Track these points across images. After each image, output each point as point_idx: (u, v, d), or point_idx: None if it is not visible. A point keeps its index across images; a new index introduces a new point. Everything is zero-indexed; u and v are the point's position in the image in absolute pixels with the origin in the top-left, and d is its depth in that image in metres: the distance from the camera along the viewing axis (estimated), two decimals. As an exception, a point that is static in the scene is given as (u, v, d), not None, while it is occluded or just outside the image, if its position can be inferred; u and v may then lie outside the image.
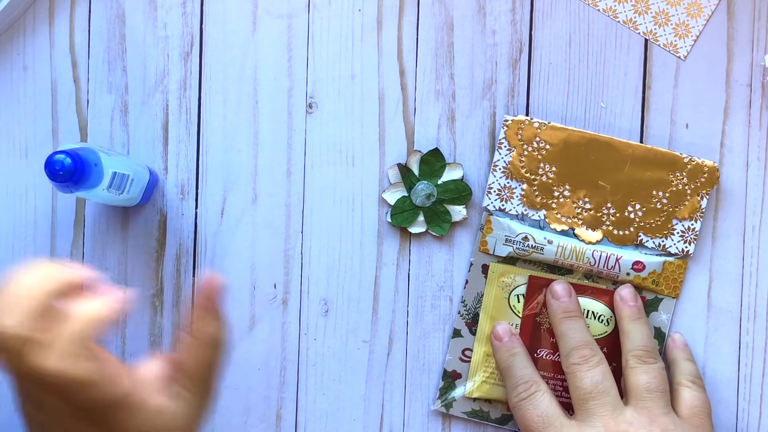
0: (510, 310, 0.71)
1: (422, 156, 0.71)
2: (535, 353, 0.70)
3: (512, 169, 0.71)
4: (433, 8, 0.72)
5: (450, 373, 0.72)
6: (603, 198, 0.71)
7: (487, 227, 0.71)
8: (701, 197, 0.70)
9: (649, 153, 0.71)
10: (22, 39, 0.73)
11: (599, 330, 0.70)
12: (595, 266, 0.70)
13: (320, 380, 0.73)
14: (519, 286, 0.71)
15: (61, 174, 0.60)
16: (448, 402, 0.72)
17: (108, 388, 0.56)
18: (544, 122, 0.71)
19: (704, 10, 0.72)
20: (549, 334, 0.71)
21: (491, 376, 0.71)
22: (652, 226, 0.71)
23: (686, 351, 0.70)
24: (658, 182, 0.70)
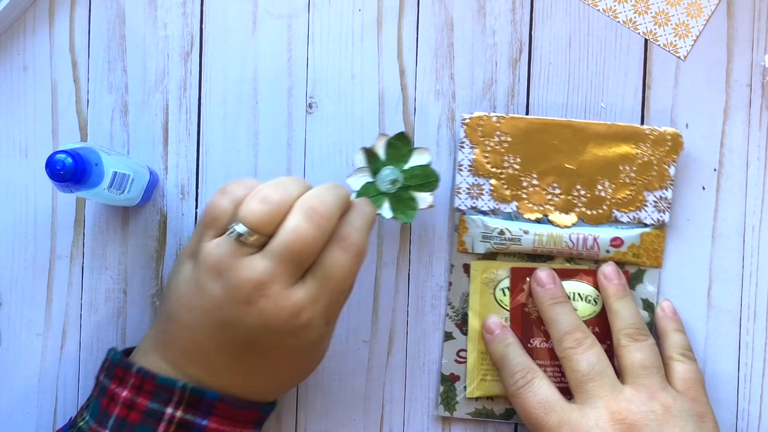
0: (497, 304, 0.71)
1: (388, 140, 0.69)
2: (529, 343, 0.70)
3: (478, 166, 0.71)
4: (433, 8, 0.72)
5: (448, 376, 0.72)
6: (572, 181, 0.71)
7: (461, 227, 0.71)
8: (668, 165, 0.71)
9: (611, 129, 0.71)
10: (22, 39, 0.73)
11: (588, 310, 0.71)
12: (574, 249, 0.70)
13: (320, 380, 0.73)
14: (503, 280, 0.71)
15: (62, 173, 0.60)
16: (451, 406, 0.72)
17: None
18: (502, 115, 0.71)
19: (704, 10, 0.72)
20: (539, 322, 0.71)
21: (489, 373, 0.71)
22: (624, 201, 0.71)
23: (676, 321, 0.71)
24: (624, 157, 0.71)
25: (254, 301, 0.60)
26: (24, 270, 0.73)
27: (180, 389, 0.61)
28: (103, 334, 0.73)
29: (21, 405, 0.73)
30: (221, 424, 0.62)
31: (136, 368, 0.62)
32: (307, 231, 0.60)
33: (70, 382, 0.73)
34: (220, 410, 0.62)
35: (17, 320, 0.73)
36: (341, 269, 0.61)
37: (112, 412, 0.62)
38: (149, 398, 0.61)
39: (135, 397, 0.62)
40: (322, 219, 0.60)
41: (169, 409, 0.61)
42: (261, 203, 0.60)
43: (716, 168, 0.72)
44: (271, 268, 0.60)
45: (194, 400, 0.61)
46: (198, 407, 0.61)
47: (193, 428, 0.61)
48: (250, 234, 0.60)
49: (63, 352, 0.73)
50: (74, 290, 0.73)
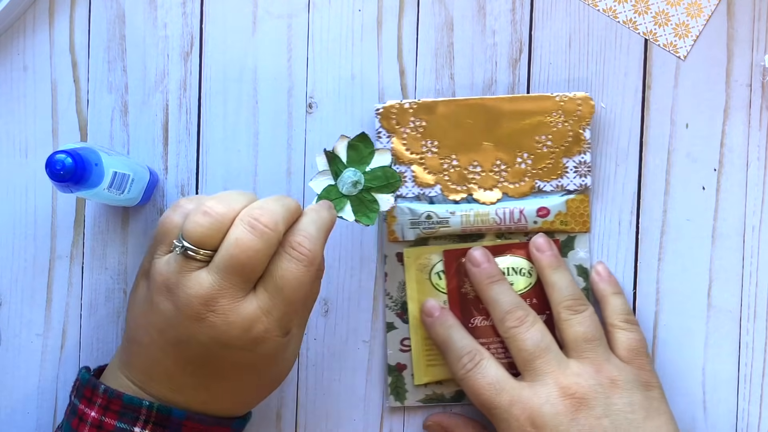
0: (434, 288, 0.71)
1: (350, 141, 0.68)
2: (469, 323, 0.71)
3: (398, 155, 0.71)
4: (433, 8, 0.72)
5: (395, 366, 0.72)
6: (491, 157, 0.71)
7: (389, 216, 0.71)
8: (583, 129, 0.71)
9: (522, 101, 0.71)
10: (22, 39, 0.73)
11: (524, 283, 0.71)
12: (503, 224, 0.71)
13: (320, 380, 0.73)
14: (437, 264, 0.71)
15: (61, 174, 0.60)
16: (401, 395, 0.72)
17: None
18: (414, 101, 0.71)
19: (704, 10, 0.72)
20: (478, 301, 0.71)
21: (435, 358, 0.71)
22: (545, 171, 0.71)
23: (612, 283, 0.71)
24: (539, 127, 0.71)
25: (204, 317, 0.59)
26: (24, 270, 0.73)
27: (146, 408, 0.61)
28: (103, 334, 0.73)
29: (21, 405, 0.73)
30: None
31: (102, 388, 0.62)
32: (250, 242, 0.59)
33: (70, 382, 0.73)
34: (188, 428, 0.62)
35: (17, 320, 0.73)
36: (292, 279, 0.60)
37: (81, 430, 0.62)
38: (117, 418, 0.61)
39: (102, 417, 0.61)
40: (265, 229, 0.59)
41: (137, 428, 0.61)
42: (203, 216, 0.60)
43: (716, 168, 0.72)
44: (218, 282, 0.59)
45: (161, 419, 0.61)
46: (166, 425, 0.61)
47: None
48: (195, 249, 0.60)
49: (63, 352, 0.73)
50: (74, 290, 0.73)
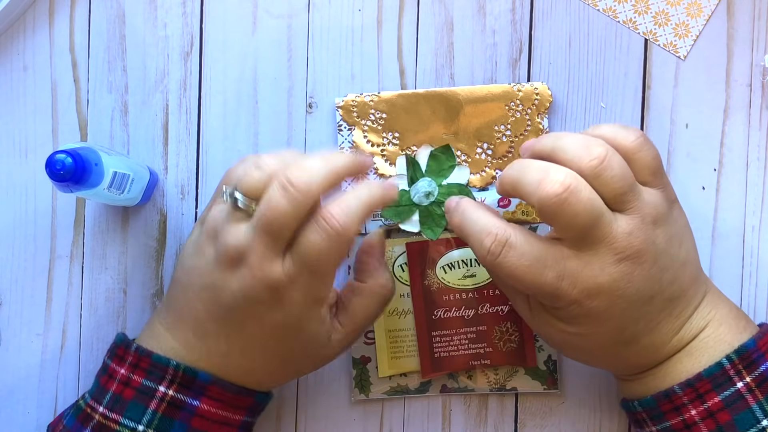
0: (398, 281, 0.71)
1: (432, 151, 0.70)
2: (433, 315, 0.71)
3: (358, 147, 0.71)
4: (433, 8, 0.72)
5: (359, 359, 0.72)
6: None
7: None
8: (541, 118, 0.71)
9: (480, 92, 0.71)
10: (22, 39, 0.73)
11: (486, 274, 0.71)
12: None
13: (320, 379, 0.73)
14: (399, 256, 0.72)
15: (61, 173, 0.60)
16: (366, 388, 0.72)
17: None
18: (375, 94, 0.71)
19: (704, 10, 0.72)
20: (440, 293, 0.71)
21: (398, 350, 0.72)
22: (504, 161, 0.71)
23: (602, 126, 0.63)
24: (497, 117, 0.71)
25: (236, 267, 0.60)
26: (24, 270, 0.73)
27: (173, 368, 0.62)
28: (103, 334, 0.73)
29: (21, 405, 0.73)
30: (213, 406, 0.62)
31: (134, 347, 0.63)
32: (278, 204, 0.58)
33: (70, 382, 0.73)
34: (212, 392, 0.62)
35: (17, 320, 0.73)
36: (315, 250, 0.59)
37: (109, 388, 0.63)
38: (144, 376, 0.62)
39: (131, 375, 0.62)
40: (296, 193, 0.58)
41: (162, 387, 0.62)
42: (255, 170, 0.60)
43: (716, 168, 0.72)
44: (252, 238, 0.59)
45: (187, 380, 0.62)
46: (190, 388, 0.62)
47: (184, 408, 0.62)
48: (240, 198, 0.60)
49: (63, 352, 0.73)
50: (74, 290, 0.73)
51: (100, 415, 0.62)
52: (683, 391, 0.61)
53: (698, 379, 0.61)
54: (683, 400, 0.61)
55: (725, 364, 0.61)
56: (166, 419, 0.62)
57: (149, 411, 0.62)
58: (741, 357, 0.61)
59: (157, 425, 0.62)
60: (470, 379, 0.72)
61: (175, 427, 0.62)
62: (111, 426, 0.62)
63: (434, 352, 0.71)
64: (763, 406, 0.60)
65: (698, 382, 0.61)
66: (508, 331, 0.71)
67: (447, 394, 0.72)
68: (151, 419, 0.62)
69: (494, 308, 0.71)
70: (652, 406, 0.62)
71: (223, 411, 0.63)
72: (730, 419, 0.60)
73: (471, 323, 0.71)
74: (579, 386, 0.72)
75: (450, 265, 0.71)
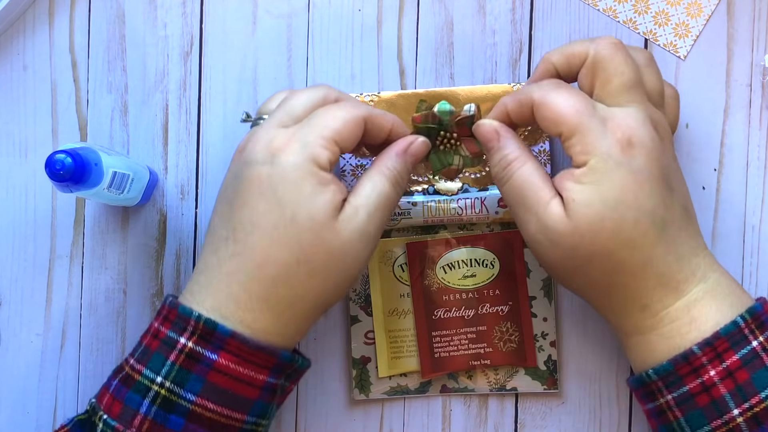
0: (398, 281, 0.72)
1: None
2: (433, 315, 0.71)
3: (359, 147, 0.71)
4: (433, 8, 0.72)
5: (359, 359, 0.72)
6: None
7: None
8: None
9: (480, 92, 0.71)
10: (22, 39, 0.73)
11: (487, 275, 0.71)
12: (464, 214, 0.71)
13: (320, 379, 0.73)
14: (399, 256, 0.72)
15: (61, 173, 0.60)
16: (366, 388, 0.72)
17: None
18: (375, 94, 0.71)
19: (704, 10, 0.72)
20: (440, 293, 0.71)
21: (399, 350, 0.72)
22: None
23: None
24: None
25: (243, 147, 0.62)
26: (24, 270, 0.73)
27: (195, 319, 0.61)
28: (103, 334, 0.73)
29: (21, 405, 0.73)
30: (232, 362, 0.61)
31: (169, 300, 0.63)
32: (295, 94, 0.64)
33: (70, 382, 0.73)
34: (231, 347, 0.61)
35: (17, 320, 0.73)
36: (328, 111, 0.62)
37: (143, 342, 0.63)
38: (170, 327, 0.62)
39: (160, 327, 0.62)
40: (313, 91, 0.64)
41: (183, 338, 0.61)
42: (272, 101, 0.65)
43: (716, 168, 0.72)
44: (265, 123, 0.63)
45: (206, 332, 0.61)
46: (209, 340, 0.61)
47: (202, 361, 0.61)
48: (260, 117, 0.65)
49: (63, 352, 0.73)
50: (74, 290, 0.73)
51: (129, 366, 0.62)
52: (702, 350, 0.60)
53: (716, 338, 0.60)
54: (702, 360, 0.60)
55: (740, 323, 0.61)
56: (184, 371, 0.61)
57: (168, 362, 0.61)
58: (753, 317, 0.61)
59: (174, 377, 0.61)
60: (470, 380, 0.72)
61: (192, 380, 0.61)
62: (134, 376, 0.61)
63: (434, 352, 0.71)
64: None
65: (716, 340, 0.60)
66: (508, 331, 0.71)
67: (447, 394, 0.72)
68: (169, 371, 0.61)
69: (494, 308, 0.71)
70: (669, 371, 0.61)
71: (243, 368, 0.61)
72: (748, 377, 0.60)
73: (471, 323, 0.71)
74: (579, 386, 0.72)
75: (450, 265, 0.71)
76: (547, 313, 0.72)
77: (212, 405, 0.61)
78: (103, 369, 0.73)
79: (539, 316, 0.72)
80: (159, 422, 0.60)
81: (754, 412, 0.60)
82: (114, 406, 0.61)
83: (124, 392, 0.61)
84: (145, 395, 0.61)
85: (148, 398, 0.60)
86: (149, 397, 0.60)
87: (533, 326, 0.71)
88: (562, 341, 0.72)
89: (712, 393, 0.60)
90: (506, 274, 0.71)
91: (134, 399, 0.61)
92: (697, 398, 0.61)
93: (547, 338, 0.72)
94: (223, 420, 0.61)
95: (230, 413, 0.61)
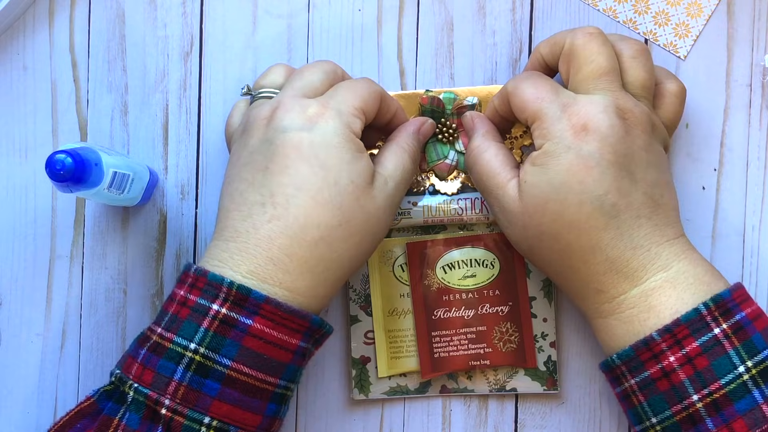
0: (397, 280, 0.72)
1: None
2: (432, 315, 0.71)
3: None
4: (433, 8, 0.72)
5: (359, 359, 0.72)
6: None
7: None
8: None
9: (480, 93, 0.71)
10: (22, 39, 0.73)
11: (486, 275, 0.71)
12: (464, 214, 0.71)
13: (320, 379, 0.73)
14: (399, 257, 0.72)
15: (61, 173, 0.60)
16: (366, 388, 0.72)
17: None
18: None
19: (704, 10, 0.72)
20: (440, 294, 0.71)
21: (398, 350, 0.72)
22: None
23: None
24: None
25: (271, 115, 0.64)
26: (24, 270, 0.73)
27: (227, 286, 0.61)
28: (103, 334, 0.73)
29: (21, 405, 0.73)
30: (266, 326, 0.61)
31: (193, 268, 0.63)
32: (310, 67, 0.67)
33: (70, 382, 0.73)
34: (265, 311, 0.61)
35: (17, 320, 0.73)
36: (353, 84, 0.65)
37: (168, 310, 0.63)
38: (199, 294, 0.62)
39: (188, 295, 0.62)
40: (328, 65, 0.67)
41: (215, 305, 0.61)
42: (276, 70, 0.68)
43: (716, 168, 0.72)
44: (283, 91, 0.65)
45: (240, 298, 0.61)
46: (243, 306, 0.61)
47: (237, 326, 0.61)
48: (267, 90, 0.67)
49: (63, 352, 0.73)
50: (74, 290, 0.73)
51: (157, 335, 0.62)
52: (661, 337, 0.61)
53: (676, 325, 0.61)
54: (662, 346, 0.61)
55: (702, 310, 0.61)
56: (218, 337, 0.61)
57: (202, 329, 0.61)
58: (717, 305, 0.62)
59: (209, 343, 0.61)
60: (470, 380, 0.72)
61: (227, 346, 0.61)
62: (165, 345, 0.61)
63: (434, 353, 0.71)
64: (740, 353, 0.61)
65: (676, 327, 0.61)
66: (508, 332, 0.71)
67: (447, 394, 0.72)
68: (203, 337, 0.61)
69: (494, 309, 0.71)
70: (630, 356, 0.62)
71: (277, 332, 0.62)
72: (708, 364, 0.61)
73: (471, 323, 0.71)
74: (579, 387, 0.72)
75: (450, 265, 0.71)
76: (547, 314, 0.72)
77: (247, 369, 0.61)
78: (103, 369, 0.73)
79: (539, 316, 0.72)
80: (195, 388, 0.61)
81: (714, 398, 0.61)
82: (145, 375, 0.61)
83: (156, 360, 0.61)
84: (179, 362, 0.61)
85: (182, 365, 0.61)
86: (183, 363, 0.61)
87: (533, 327, 0.71)
88: (562, 342, 0.72)
89: (671, 378, 0.61)
90: (506, 275, 0.71)
91: (167, 366, 0.61)
92: (657, 383, 0.62)
93: (547, 339, 0.72)
94: (258, 384, 0.62)
95: (264, 377, 0.62)
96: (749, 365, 0.60)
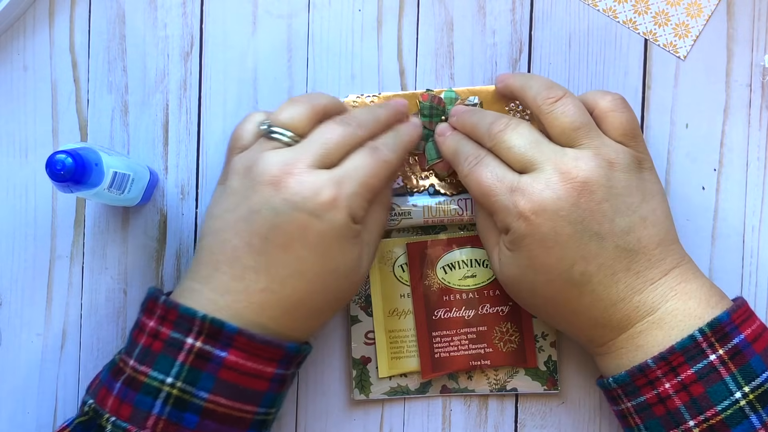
0: (398, 281, 0.72)
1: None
2: (433, 315, 0.71)
3: None
4: (433, 8, 0.72)
5: (359, 360, 0.72)
6: None
7: None
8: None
9: (479, 92, 0.71)
10: (22, 39, 0.73)
11: (487, 275, 0.71)
12: (465, 214, 0.71)
13: (320, 379, 0.73)
14: (400, 257, 0.72)
15: (62, 174, 0.60)
16: (366, 388, 0.72)
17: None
18: (375, 94, 0.71)
19: (704, 10, 0.72)
20: (440, 294, 0.71)
21: (399, 350, 0.72)
22: None
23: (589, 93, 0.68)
24: None
25: (279, 179, 0.62)
26: (24, 270, 0.73)
27: (200, 319, 0.61)
28: (103, 334, 0.73)
29: (21, 405, 0.73)
30: (241, 358, 0.62)
31: (162, 299, 0.63)
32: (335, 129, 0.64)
33: (70, 382, 0.73)
34: (239, 343, 0.62)
35: (17, 320, 0.73)
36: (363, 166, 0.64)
37: (139, 341, 0.63)
38: (172, 328, 0.62)
39: (159, 327, 0.62)
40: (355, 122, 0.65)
41: (190, 339, 0.61)
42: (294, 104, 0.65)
43: (716, 168, 0.72)
44: (299, 151, 0.63)
45: (213, 331, 0.61)
46: (217, 339, 0.61)
47: (212, 360, 0.61)
48: (281, 131, 0.64)
49: (63, 352, 0.73)
50: (74, 290, 0.73)
51: (130, 368, 0.62)
52: (656, 364, 0.62)
53: (671, 352, 0.62)
54: (657, 373, 0.62)
55: (698, 337, 0.62)
56: (195, 371, 0.61)
57: (177, 363, 0.61)
58: (713, 330, 0.62)
59: (185, 377, 0.61)
60: (470, 380, 0.72)
61: (203, 379, 0.61)
62: (140, 378, 0.62)
63: (434, 353, 0.71)
64: (737, 379, 0.61)
65: (671, 355, 0.62)
66: (509, 332, 0.71)
67: (447, 394, 0.72)
68: (179, 371, 0.61)
69: (494, 309, 0.71)
70: (626, 381, 0.63)
71: (252, 363, 0.62)
72: (704, 391, 0.61)
73: (471, 324, 0.71)
74: (579, 387, 0.72)
75: (450, 265, 0.71)
76: None
77: (224, 400, 0.62)
78: (103, 369, 0.73)
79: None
80: (174, 421, 0.61)
81: (710, 423, 0.61)
82: (122, 409, 0.61)
83: (132, 395, 0.61)
84: (157, 396, 0.61)
85: (159, 399, 0.61)
86: (161, 397, 0.61)
87: (533, 327, 0.71)
88: (562, 342, 0.72)
89: (667, 404, 0.62)
90: None
91: (145, 401, 0.61)
92: (653, 408, 0.62)
93: (547, 339, 0.72)
94: (236, 413, 0.62)
95: (242, 406, 0.62)
96: (746, 391, 0.61)
